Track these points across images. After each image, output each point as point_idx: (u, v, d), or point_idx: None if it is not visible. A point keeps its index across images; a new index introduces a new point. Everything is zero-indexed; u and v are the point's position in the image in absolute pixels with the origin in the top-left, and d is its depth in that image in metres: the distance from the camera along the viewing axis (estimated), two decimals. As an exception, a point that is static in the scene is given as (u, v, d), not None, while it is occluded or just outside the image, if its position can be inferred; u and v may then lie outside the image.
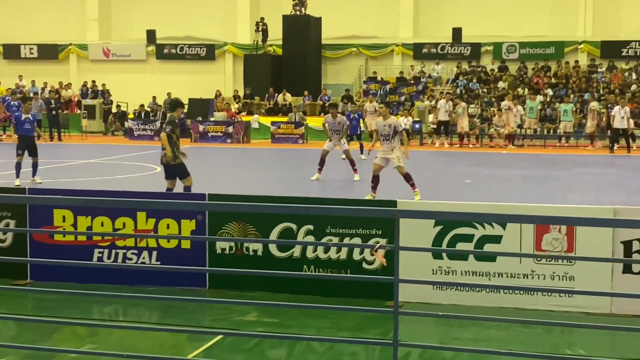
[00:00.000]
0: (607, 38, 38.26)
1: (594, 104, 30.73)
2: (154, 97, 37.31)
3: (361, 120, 26.46)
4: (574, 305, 8.83)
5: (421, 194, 15.37)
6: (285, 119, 33.93)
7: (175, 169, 14.25)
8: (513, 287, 8.99)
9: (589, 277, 8.89)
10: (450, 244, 9.20)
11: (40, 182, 17.58)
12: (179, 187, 14.23)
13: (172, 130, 14.14)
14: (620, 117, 27.97)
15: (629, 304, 8.69)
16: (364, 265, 9.51)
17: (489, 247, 9.13)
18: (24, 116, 17.99)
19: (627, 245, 8.84)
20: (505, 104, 31.01)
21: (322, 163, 19.06)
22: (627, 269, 8.87)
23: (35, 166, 17.96)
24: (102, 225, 9.99)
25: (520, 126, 31.66)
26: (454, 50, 40.13)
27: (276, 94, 38.04)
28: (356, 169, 19.31)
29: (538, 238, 9.06)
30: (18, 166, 17.50)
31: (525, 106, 31.87)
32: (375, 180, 15.61)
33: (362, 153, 24.57)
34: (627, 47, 38.04)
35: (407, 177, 15.49)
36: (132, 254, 10.07)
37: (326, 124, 19.73)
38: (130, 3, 44.21)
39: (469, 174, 21.05)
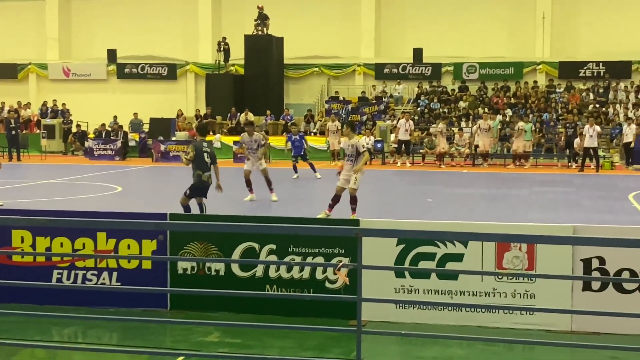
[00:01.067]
0: (564, 59, 38.90)
1: (521, 124, 31.12)
2: (115, 117, 37.05)
3: (304, 140, 26.25)
4: (535, 323, 8.90)
5: (383, 213, 15.39)
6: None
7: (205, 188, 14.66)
8: (475, 305, 9.03)
9: (549, 294, 8.97)
10: (412, 263, 9.24)
11: (1, 204, 17.30)
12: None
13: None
14: (589, 135, 28.32)
15: (589, 322, 8.78)
16: (327, 284, 9.50)
17: (450, 266, 9.18)
18: None
19: (587, 262, 8.95)
20: (482, 122, 31.24)
21: (249, 184, 18.69)
22: (586, 287, 8.97)
23: None
24: (62, 245, 9.86)
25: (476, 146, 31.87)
26: (415, 70, 40.49)
27: (238, 114, 38.00)
28: (272, 188, 18.75)
29: (499, 256, 9.13)
30: None
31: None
32: (336, 199, 15.59)
33: (315, 172, 24.54)
34: (585, 67, 38.69)
35: (353, 200, 15.38)
36: (92, 274, 9.95)
37: (243, 143, 19.22)
38: (91, 22, 43.93)
39: (431, 193, 21.18)
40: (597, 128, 29.06)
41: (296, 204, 19.07)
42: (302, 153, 25.56)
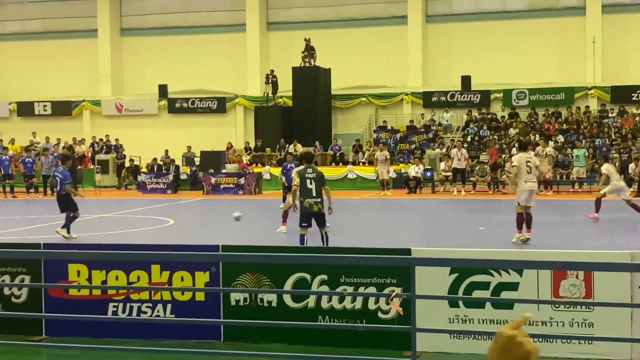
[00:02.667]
0: (616, 83, 38.39)
1: (549, 149, 30.62)
2: (167, 151, 37.54)
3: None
4: (593, 352, 8.70)
5: (435, 242, 15.29)
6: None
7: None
8: (531, 334, 8.85)
9: (608, 323, 8.77)
10: (466, 292, 9.11)
11: (75, 237, 17.63)
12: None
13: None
14: None
15: (650, 350, 8.56)
16: (380, 314, 9.41)
17: (506, 295, 9.03)
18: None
19: (646, 290, 8.73)
20: (540, 149, 30.87)
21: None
22: (646, 314, 8.76)
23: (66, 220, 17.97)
24: (117, 279, 9.96)
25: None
26: (464, 97, 40.32)
27: (287, 145, 38.21)
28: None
29: (555, 284, 8.96)
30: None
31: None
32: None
33: (284, 201, 23.76)
34: (637, 91, 38.12)
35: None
36: (146, 307, 10.02)
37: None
38: (142, 58, 44.78)
39: (482, 221, 20.96)
40: None
41: (359, 235, 19.03)
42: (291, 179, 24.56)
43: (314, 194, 14.19)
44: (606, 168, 21.03)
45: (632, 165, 30.04)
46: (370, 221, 21.66)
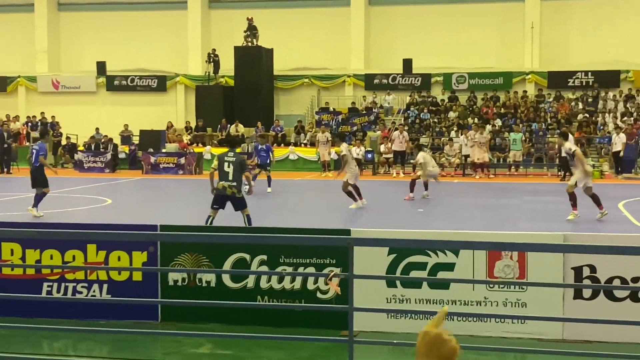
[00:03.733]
0: (553, 69, 39.08)
1: (484, 134, 31.30)
2: (97, 129, 37.02)
3: (271, 152, 25.79)
4: (526, 332, 8.89)
5: (375, 223, 15.41)
6: (238, 149, 33.81)
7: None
8: (466, 314, 9.02)
9: (540, 303, 8.97)
10: (404, 272, 9.22)
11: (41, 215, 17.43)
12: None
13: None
14: (615, 143, 28.41)
15: (580, 330, 8.78)
16: (319, 294, 9.47)
17: (442, 275, 9.17)
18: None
19: (578, 271, 8.95)
20: (472, 133, 31.37)
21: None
22: (578, 295, 8.97)
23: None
24: (52, 258, 9.80)
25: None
26: (405, 80, 40.59)
27: (228, 125, 37.99)
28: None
29: (490, 265, 9.12)
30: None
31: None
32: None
33: (269, 186, 24.01)
34: (574, 77, 38.88)
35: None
36: (82, 287, 9.89)
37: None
38: (80, 35, 43.92)
39: (422, 203, 21.19)
40: (623, 136, 29.33)
41: (300, 215, 19.06)
42: (268, 162, 24.90)
43: (230, 178, 14.28)
44: (422, 156, 21.81)
45: (567, 150, 30.62)
46: (311, 202, 21.72)
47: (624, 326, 8.12)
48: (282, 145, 36.26)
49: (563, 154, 28.50)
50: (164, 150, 34.68)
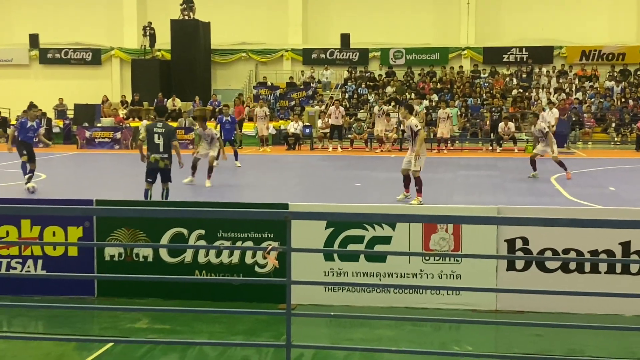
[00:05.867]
0: (488, 44, 39.59)
1: (386, 108, 31.82)
2: (31, 103, 36.20)
3: (236, 125, 25.64)
4: (460, 303, 9.08)
5: (312, 197, 15.48)
6: (175, 124, 33.50)
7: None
8: (402, 286, 9.16)
9: (475, 275, 9.16)
10: (341, 246, 9.31)
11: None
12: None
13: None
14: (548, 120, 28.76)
15: (513, 300, 9.00)
16: (257, 268, 9.51)
17: (379, 248, 9.29)
18: (29, 123, 18.67)
19: (511, 243, 9.15)
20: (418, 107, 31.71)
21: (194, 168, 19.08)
22: (510, 267, 9.18)
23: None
24: (-16, 234, 9.62)
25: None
26: (343, 55, 40.67)
27: (165, 99, 37.56)
28: (210, 175, 19.00)
29: (426, 238, 9.28)
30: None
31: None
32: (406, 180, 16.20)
33: (236, 160, 23.92)
34: (508, 53, 39.46)
35: (418, 182, 15.77)
36: (16, 262, 9.74)
37: (200, 135, 19.51)
38: (11, 6, 42.79)
39: (359, 178, 21.34)
40: (556, 111, 29.69)
41: (237, 190, 19.00)
42: (232, 138, 24.72)
43: (161, 150, 13.97)
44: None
45: (501, 125, 31.17)
46: (249, 177, 21.67)
47: (556, 296, 8.36)
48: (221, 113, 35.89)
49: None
50: (99, 125, 34.15)
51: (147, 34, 39.89)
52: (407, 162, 15.90)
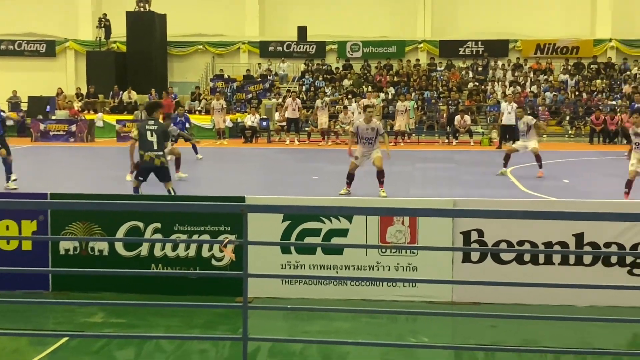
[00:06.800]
0: (445, 38, 39.85)
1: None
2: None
3: (187, 120, 25.60)
4: (417, 295, 9.13)
5: (270, 190, 15.45)
6: (130, 117, 33.22)
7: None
8: (359, 278, 9.20)
9: (431, 267, 9.23)
10: (298, 239, 9.32)
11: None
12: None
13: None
14: (508, 112, 28.92)
15: (468, 292, 9.08)
16: (214, 262, 9.47)
17: (336, 241, 9.31)
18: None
19: (466, 235, 9.23)
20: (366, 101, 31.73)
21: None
22: (466, 258, 9.26)
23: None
24: None
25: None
26: (300, 48, 40.63)
27: (121, 92, 37.18)
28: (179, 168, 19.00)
29: (382, 230, 9.31)
30: None
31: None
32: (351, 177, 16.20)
33: (196, 153, 23.85)
34: (464, 46, 39.78)
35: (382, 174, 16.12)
36: (-32, 258, 9.57)
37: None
38: (-38, -4, 42.01)
39: (316, 171, 21.36)
40: (515, 105, 29.76)
41: (194, 183, 18.87)
42: (185, 131, 24.61)
43: (155, 147, 13.56)
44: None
45: (457, 117, 31.43)
46: (206, 170, 21.57)
47: (510, 288, 8.46)
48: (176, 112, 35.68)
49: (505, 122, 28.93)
50: (53, 118, 33.68)
51: (103, 25, 39.44)
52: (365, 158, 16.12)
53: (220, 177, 19.92)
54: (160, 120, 14.57)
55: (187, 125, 25.11)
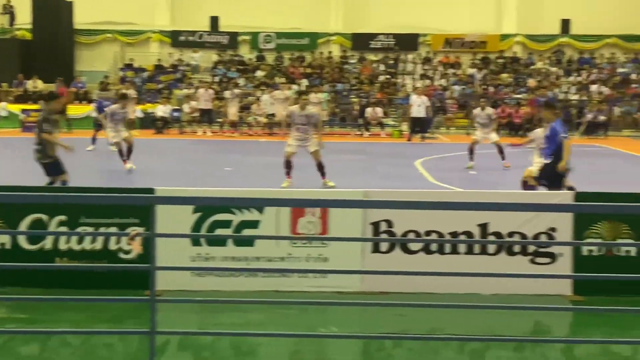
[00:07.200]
0: (357, 30, 40.14)
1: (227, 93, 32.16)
2: None
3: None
4: (327, 285, 9.19)
5: (181, 182, 15.30)
6: (36, 106, 32.29)
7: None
8: (270, 270, 9.20)
9: (341, 257, 9.30)
10: (209, 231, 9.25)
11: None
12: None
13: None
14: (417, 105, 29.21)
15: (377, 282, 9.20)
16: (121, 255, 9.31)
17: (247, 232, 9.28)
18: None
19: (376, 225, 9.34)
20: (279, 93, 31.74)
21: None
22: (375, 249, 9.38)
23: None
24: None
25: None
26: (212, 38, 40.26)
27: (26, 81, 36.12)
28: (127, 159, 18.72)
29: (294, 222, 9.34)
30: None
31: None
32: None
33: (93, 143, 23.40)
34: (376, 39, 40.14)
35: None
36: None
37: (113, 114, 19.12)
38: None
39: (229, 162, 21.25)
40: (425, 98, 30.11)
41: (103, 174, 18.48)
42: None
43: (36, 141, 13.23)
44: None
45: (369, 110, 31.73)
46: (115, 161, 21.16)
47: (418, 277, 8.59)
48: (85, 102, 34.95)
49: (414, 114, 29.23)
50: (-47, 107, 32.51)
51: (7, 12, 38.21)
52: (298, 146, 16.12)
53: (117, 168, 19.55)
54: (54, 110, 13.93)
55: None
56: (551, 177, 12.32)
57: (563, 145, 12.22)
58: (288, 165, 16.09)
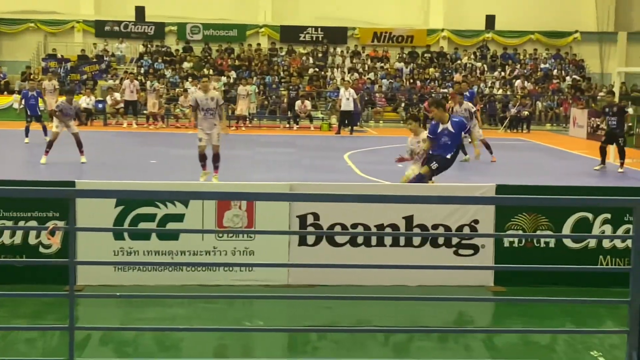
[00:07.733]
0: (286, 23, 40.04)
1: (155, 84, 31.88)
2: None
3: (40, 99, 24.61)
4: (253, 279, 9.14)
5: (105, 175, 15.02)
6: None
7: None
8: (195, 264, 9.10)
9: (267, 251, 9.25)
10: (132, 224, 9.09)
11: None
12: None
13: None
14: (346, 99, 29.17)
15: (304, 275, 9.19)
16: (42, 249, 9.08)
17: (171, 226, 9.15)
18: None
19: (302, 219, 9.32)
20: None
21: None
22: (302, 242, 9.36)
23: None
24: None
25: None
26: (138, 29, 39.65)
27: (-56, 71, 35.01)
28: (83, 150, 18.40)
29: (220, 215, 9.25)
30: None
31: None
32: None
33: (46, 135, 22.92)
34: (304, 32, 40.12)
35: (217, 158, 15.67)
36: None
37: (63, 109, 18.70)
38: None
39: (155, 155, 20.96)
40: (352, 91, 30.11)
41: (23, 167, 18.03)
42: (39, 114, 23.53)
43: None
44: None
45: (298, 102, 31.71)
46: (37, 153, 20.66)
47: (345, 269, 8.62)
48: (6, 93, 34.06)
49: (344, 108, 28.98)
50: None
51: None
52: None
53: (52, 161, 19.13)
54: None
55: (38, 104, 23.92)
56: (442, 170, 12.41)
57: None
58: (202, 159, 15.86)
